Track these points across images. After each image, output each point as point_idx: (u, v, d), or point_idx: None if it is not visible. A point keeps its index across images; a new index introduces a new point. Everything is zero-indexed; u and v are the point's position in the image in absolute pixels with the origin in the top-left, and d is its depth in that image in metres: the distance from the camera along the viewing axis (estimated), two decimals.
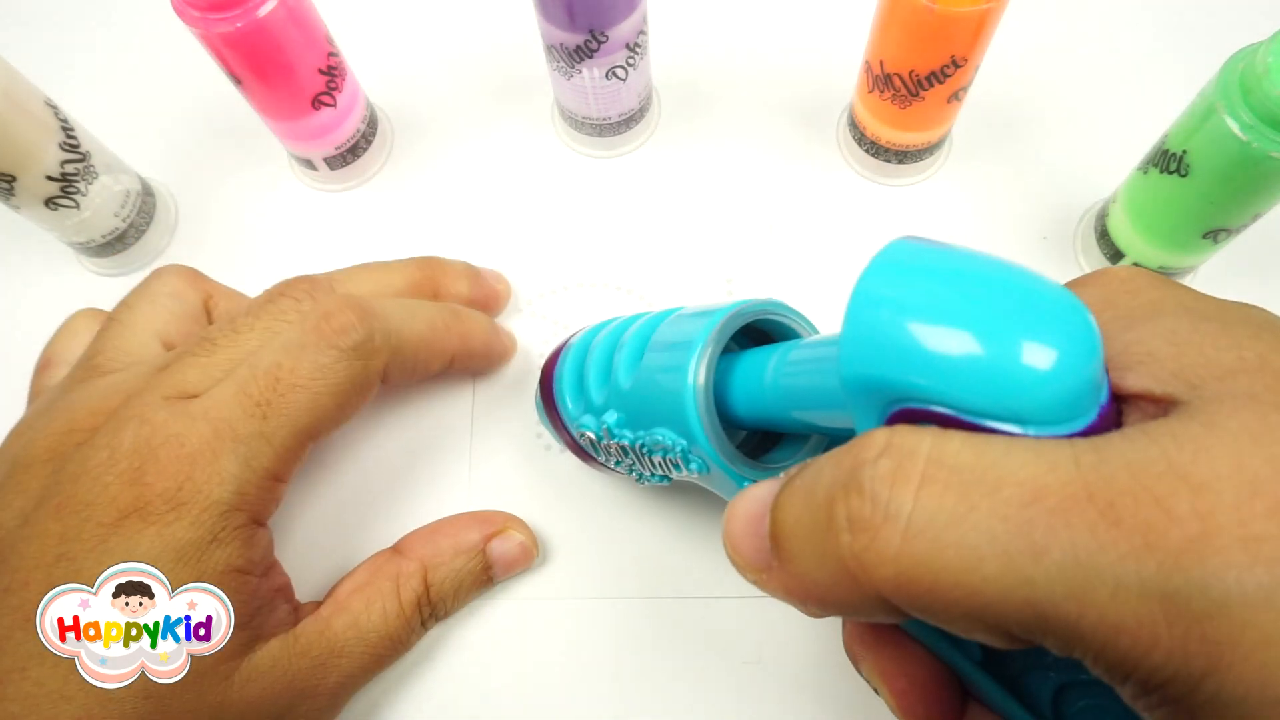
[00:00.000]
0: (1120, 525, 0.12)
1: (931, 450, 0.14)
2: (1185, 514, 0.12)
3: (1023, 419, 0.14)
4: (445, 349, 0.30)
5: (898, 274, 0.15)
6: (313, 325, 0.26)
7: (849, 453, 0.15)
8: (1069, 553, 0.12)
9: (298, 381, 0.26)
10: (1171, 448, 0.13)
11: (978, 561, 0.13)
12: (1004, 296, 0.15)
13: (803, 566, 0.15)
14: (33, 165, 0.33)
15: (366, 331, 0.27)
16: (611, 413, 0.25)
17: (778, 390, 0.21)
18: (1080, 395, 0.14)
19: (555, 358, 0.29)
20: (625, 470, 0.27)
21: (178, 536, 0.24)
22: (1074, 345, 0.14)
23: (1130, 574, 0.12)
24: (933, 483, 0.13)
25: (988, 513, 0.13)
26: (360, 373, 0.27)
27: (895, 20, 0.31)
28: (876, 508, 0.14)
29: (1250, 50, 0.27)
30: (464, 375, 0.35)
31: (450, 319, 0.31)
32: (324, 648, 0.26)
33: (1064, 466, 0.13)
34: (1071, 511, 0.13)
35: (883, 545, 0.14)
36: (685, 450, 0.23)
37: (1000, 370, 0.14)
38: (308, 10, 0.34)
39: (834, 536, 0.14)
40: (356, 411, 0.28)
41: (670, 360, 0.23)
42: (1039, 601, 0.13)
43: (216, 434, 0.25)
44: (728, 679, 0.30)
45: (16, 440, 0.27)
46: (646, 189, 0.39)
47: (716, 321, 0.22)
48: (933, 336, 0.14)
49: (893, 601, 0.14)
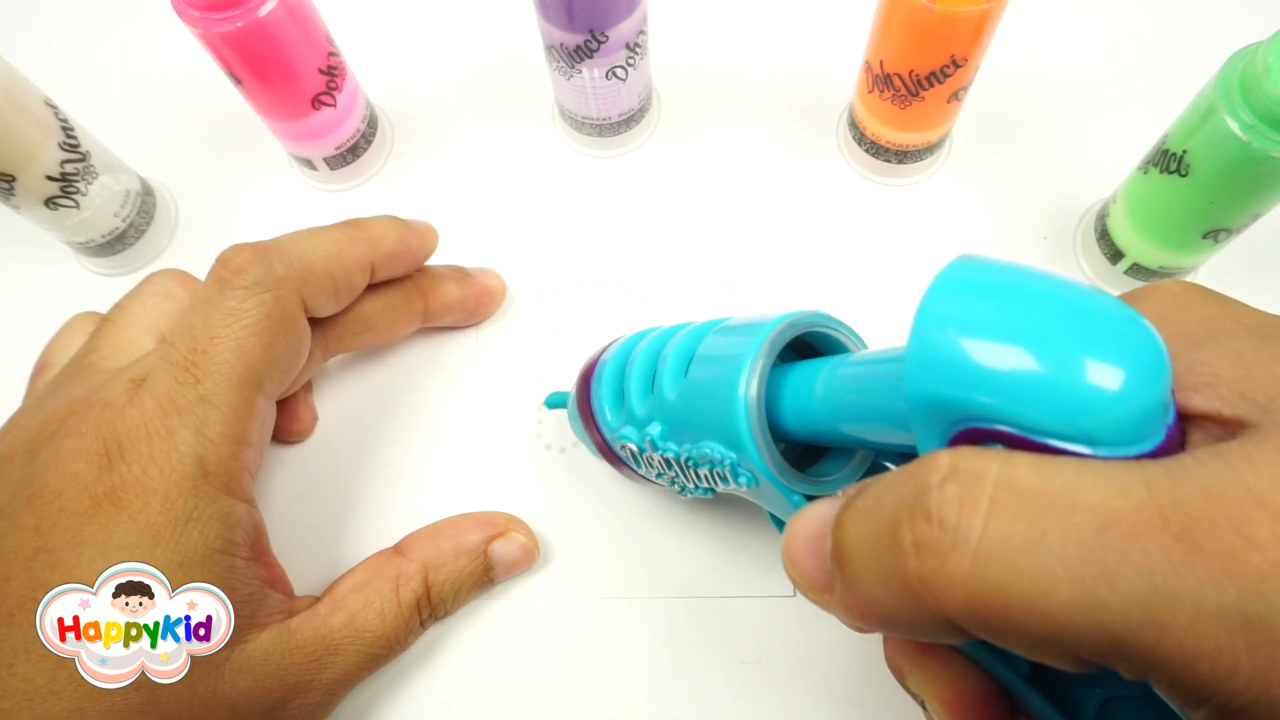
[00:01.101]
0: (1198, 550, 0.12)
1: (1000, 473, 0.14)
2: (1266, 539, 0.12)
3: (1091, 439, 0.14)
4: (357, 259, 0.30)
5: (962, 293, 0.15)
6: (214, 276, 0.27)
7: (912, 475, 0.15)
8: (1145, 578, 0.12)
9: (213, 333, 0.26)
10: (1248, 472, 0.13)
11: (1052, 587, 0.13)
12: (1071, 315, 0.14)
13: (867, 588, 0.15)
14: (33, 165, 0.33)
15: (264, 265, 0.27)
16: (655, 424, 0.25)
17: (829, 404, 0.21)
18: (1149, 416, 0.14)
19: (592, 368, 0.29)
20: (667, 483, 0.26)
21: (151, 521, 0.24)
22: (1144, 366, 0.14)
23: (1210, 600, 0.12)
24: (1002, 507, 0.13)
25: (1060, 538, 0.13)
26: (273, 305, 0.26)
27: (895, 20, 0.31)
28: (945, 531, 0.14)
29: (1250, 50, 0.27)
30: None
31: (352, 230, 0.30)
32: (319, 644, 0.26)
33: (1136, 490, 0.13)
34: (1146, 536, 0.12)
35: (952, 569, 0.13)
36: (735, 464, 0.22)
37: (1069, 390, 0.14)
38: (308, 10, 0.34)
39: (900, 559, 0.14)
40: (294, 351, 0.28)
41: (720, 372, 0.22)
42: (1115, 627, 0.13)
43: (163, 410, 0.25)
44: (728, 679, 0.30)
45: (2, 439, 0.27)
46: (646, 189, 0.39)
47: (768, 333, 0.22)
48: (1000, 356, 0.14)
49: (960, 624, 0.14)
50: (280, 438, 0.34)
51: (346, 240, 0.30)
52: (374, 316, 0.32)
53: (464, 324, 0.36)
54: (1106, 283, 0.36)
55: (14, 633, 0.23)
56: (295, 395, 0.33)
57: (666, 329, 0.27)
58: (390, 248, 0.31)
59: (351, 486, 0.34)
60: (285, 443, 0.34)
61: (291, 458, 0.34)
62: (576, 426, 0.30)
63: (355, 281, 0.30)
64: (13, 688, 0.22)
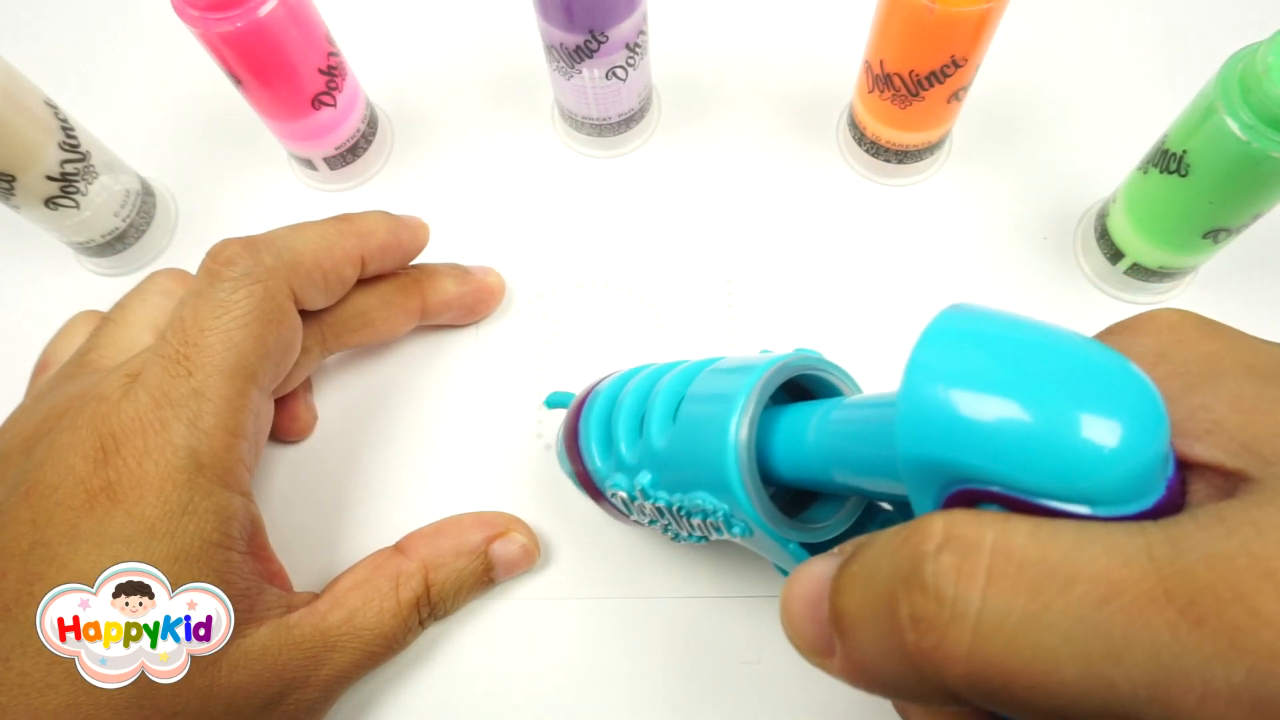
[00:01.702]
0: (1204, 625, 0.12)
1: (996, 542, 0.13)
2: (1274, 613, 0.12)
3: (1090, 499, 0.14)
4: (347, 251, 0.30)
5: (953, 347, 0.15)
6: (204, 270, 0.27)
7: (908, 542, 0.14)
8: (1151, 655, 0.12)
9: (203, 325, 0.26)
10: (1254, 539, 0.12)
11: (1055, 663, 0.12)
12: (1064, 370, 0.14)
13: (867, 657, 0.15)
14: (33, 165, 0.33)
15: (253, 256, 0.27)
16: (645, 473, 0.24)
17: (821, 451, 0.20)
18: (1148, 472, 0.14)
19: (580, 407, 0.28)
20: (660, 529, 0.26)
21: (146, 514, 0.24)
22: (1140, 422, 0.14)
23: (1219, 677, 0.12)
24: (1000, 578, 0.13)
25: (1062, 612, 0.12)
26: (262, 296, 0.27)
27: (895, 20, 0.31)
28: (942, 606, 0.13)
29: (1250, 50, 0.27)
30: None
31: (342, 224, 0.30)
32: (317, 640, 0.26)
33: (1138, 560, 0.13)
34: (1150, 610, 0.12)
35: (952, 645, 0.13)
36: (728, 514, 0.22)
37: (1065, 450, 0.13)
38: (308, 10, 0.34)
39: (899, 633, 0.14)
40: (285, 343, 0.28)
41: (709, 418, 0.22)
42: (1121, 704, 0.12)
43: (157, 404, 0.25)
44: (728, 679, 0.30)
45: (1, 436, 0.27)
46: (646, 189, 0.39)
47: (758, 378, 0.21)
48: (993, 416, 0.14)
49: (964, 696, 0.14)
50: (280, 437, 0.34)
51: (336, 233, 0.30)
52: (371, 312, 0.32)
53: (463, 322, 0.36)
54: (1106, 282, 0.36)
55: (11, 627, 0.23)
56: (295, 394, 0.33)
57: (657, 368, 0.26)
58: (380, 241, 0.31)
59: (351, 485, 0.34)
60: (285, 442, 0.34)
61: (291, 456, 0.34)
62: (561, 458, 0.29)
63: (345, 274, 0.30)
64: (9, 682, 0.22)
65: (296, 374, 0.31)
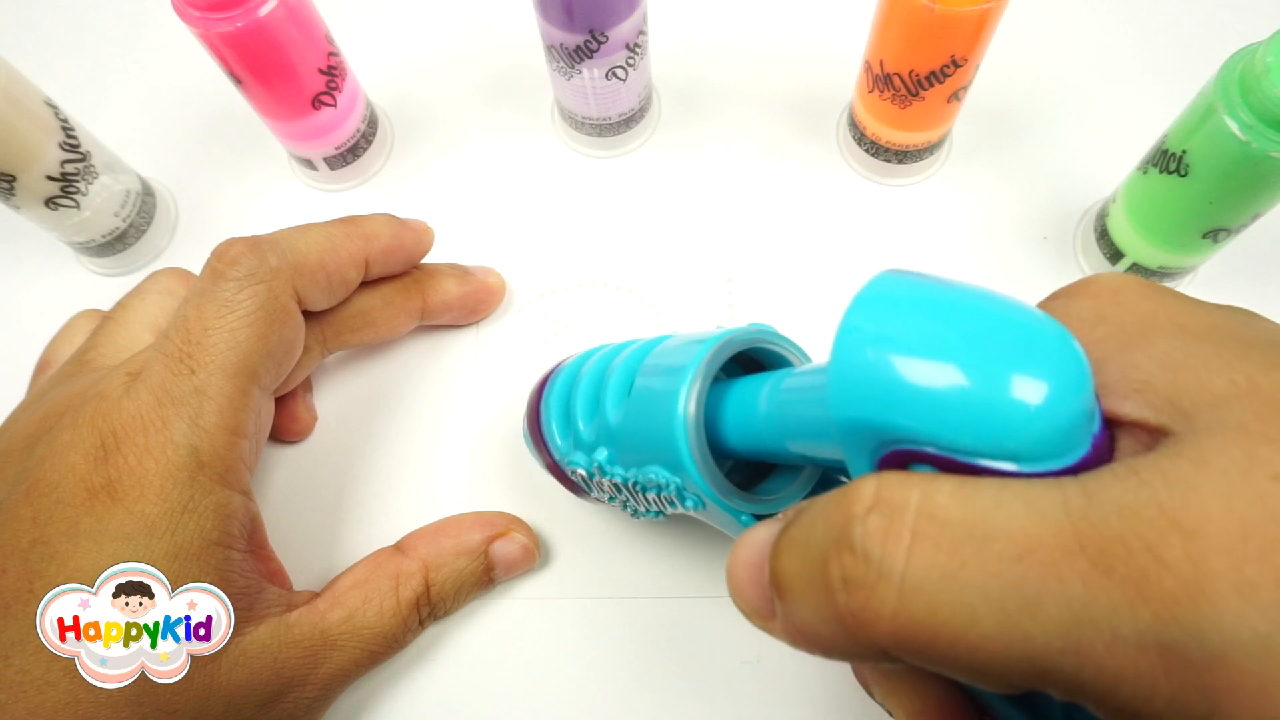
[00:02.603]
0: (1113, 575, 0.12)
1: (920, 504, 0.14)
2: (1178, 561, 0.12)
3: (1016, 456, 0.14)
4: (351, 253, 0.30)
5: (882, 310, 0.15)
6: (208, 269, 0.27)
7: (840, 505, 0.15)
8: (1064, 606, 0.12)
9: (207, 325, 0.26)
10: (1162, 490, 0.13)
11: (974, 619, 0.13)
12: (989, 331, 0.14)
13: (804, 618, 0.15)
14: (33, 165, 0.33)
15: (257, 257, 0.27)
16: (602, 449, 0.24)
17: (770, 421, 0.21)
18: (1072, 429, 0.14)
19: (541, 388, 0.29)
20: (619, 506, 0.26)
21: (146, 512, 0.24)
22: (1064, 380, 0.14)
23: (1126, 625, 0.12)
24: (924, 539, 0.13)
25: (980, 569, 0.13)
26: (266, 297, 0.27)
27: (895, 20, 0.31)
28: (869, 567, 0.14)
29: (1250, 50, 0.27)
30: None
31: (347, 226, 0.30)
32: (317, 639, 0.26)
33: (1053, 515, 0.13)
34: (1063, 564, 0.13)
35: (879, 605, 0.14)
36: (680, 487, 0.22)
37: (991, 409, 0.14)
38: (308, 10, 0.34)
39: (830, 595, 0.14)
40: (288, 343, 0.28)
41: (659, 394, 0.22)
42: (1038, 656, 0.13)
43: (158, 401, 0.25)
44: (728, 679, 0.30)
45: (1, 435, 0.27)
46: (646, 189, 0.40)
47: (705, 352, 0.21)
48: (921, 377, 0.14)
49: (893, 654, 0.14)
50: (279, 437, 0.34)
51: (341, 235, 0.30)
52: (372, 312, 0.32)
53: (463, 322, 0.36)
54: None
55: (10, 625, 0.23)
56: (294, 394, 0.33)
57: (613, 347, 0.27)
58: (384, 244, 0.31)
59: (351, 485, 0.34)
60: (284, 442, 0.34)
61: (291, 456, 0.34)
62: (526, 440, 0.29)
63: (349, 276, 0.30)
64: (8, 679, 0.23)
65: (297, 373, 0.31)
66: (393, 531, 0.31)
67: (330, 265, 0.29)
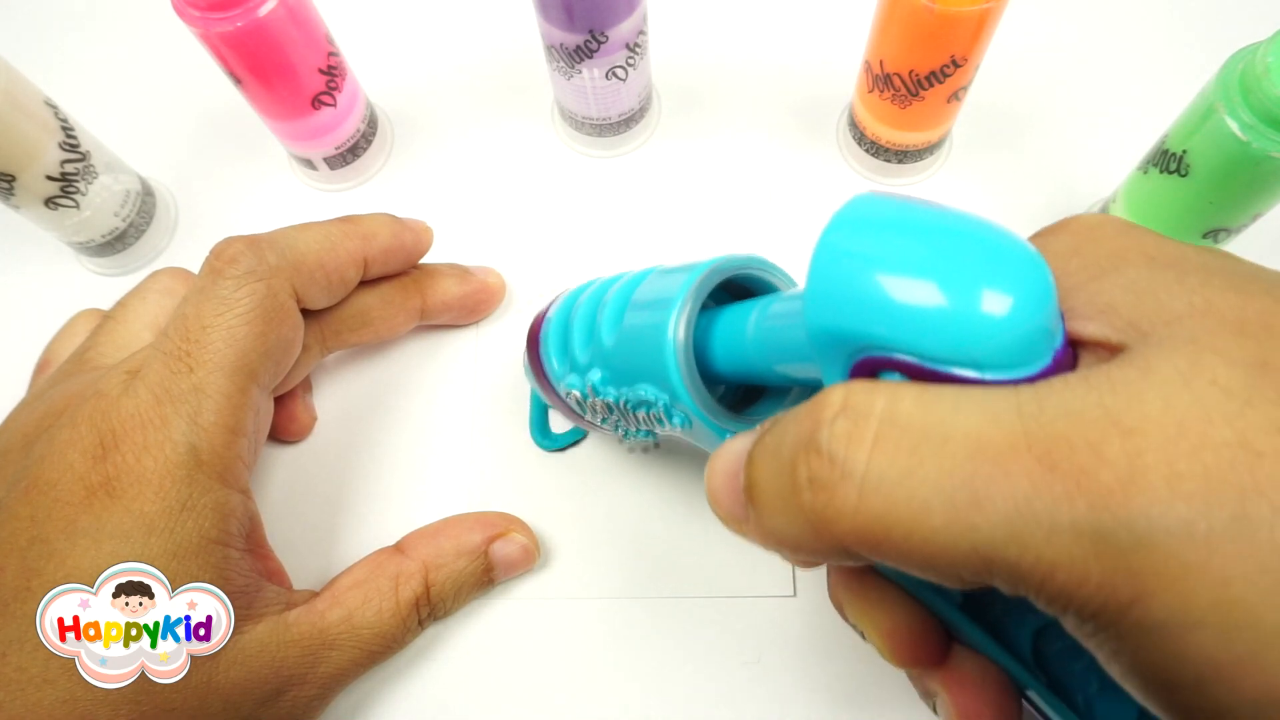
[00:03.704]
0: (1055, 470, 0.13)
1: (884, 409, 0.14)
2: (1115, 456, 0.13)
3: (979, 364, 0.15)
4: (350, 252, 0.30)
5: (858, 227, 0.16)
6: (207, 267, 0.27)
7: (809, 413, 0.16)
8: (1009, 500, 0.13)
9: (205, 323, 0.26)
10: (1107, 394, 0.13)
11: (926, 514, 0.14)
12: (959, 246, 0.15)
13: (774, 520, 0.16)
14: (33, 165, 0.33)
15: (256, 255, 0.27)
16: (596, 370, 0.25)
17: (757, 343, 0.22)
18: (1034, 340, 0.15)
19: (540, 321, 0.29)
20: (611, 428, 0.27)
21: (145, 510, 0.24)
22: (1027, 291, 0.15)
23: (1063, 516, 0.13)
24: (884, 441, 0.14)
25: (935, 468, 0.14)
26: (264, 294, 0.27)
27: (895, 20, 0.31)
28: (834, 467, 0.15)
29: (1250, 50, 0.27)
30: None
31: (346, 225, 0.30)
32: (316, 638, 0.26)
33: (1006, 417, 0.14)
34: (1011, 461, 0.13)
35: (840, 502, 0.14)
36: (668, 405, 0.23)
37: (956, 316, 0.14)
38: (308, 10, 0.34)
39: (797, 494, 0.15)
40: (286, 341, 0.28)
41: (651, 316, 0.23)
42: (982, 547, 0.13)
43: (157, 400, 0.25)
44: (728, 679, 0.30)
45: (1, 434, 0.27)
46: (646, 189, 0.39)
47: (696, 276, 0.22)
48: (891, 285, 0.15)
49: (854, 551, 0.15)
50: (279, 437, 0.34)
51: (340, 234, 0.30)
52: (371, 311, 0.32)
53: (463, 322, 0.36)
54: None
55: (9, 622, 0.23)
56: (294, 394, 0.33)
57: (607, 279, 0.27)
58: (384, 243, 0.31)
59: (351, 485, 0.34)
60: (284, 442, 0.34)
61: (291, 456, 0.34)
62: (530, 378, 0.30)
63: (348, 275, 0.30)
64: (6, 677, 0.23)
65: (296, 372, 0.31)
66: (392, 531, 0.31)
67: (329, 264, 0.29)
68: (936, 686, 0.21)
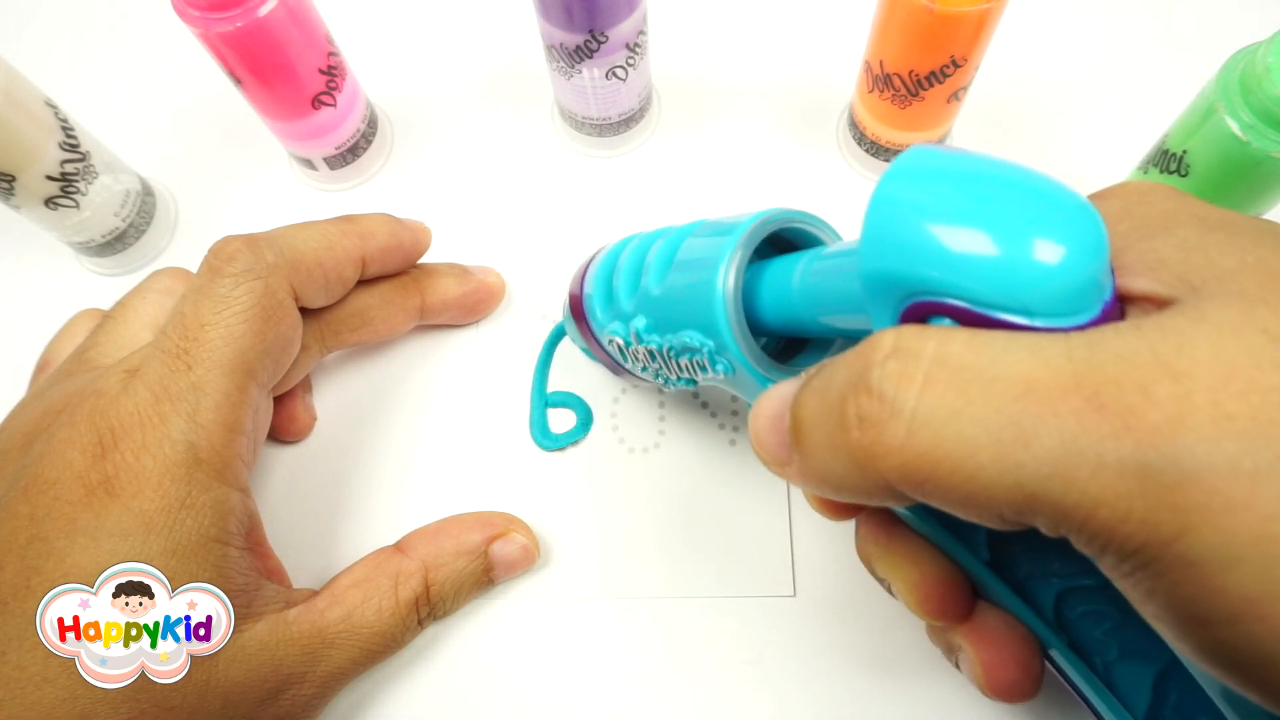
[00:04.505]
0: (1103, 410, 0.13)
1: (935, 351, 0.15)
2: (1164, 397, 0.13)
3: (1029, 310, 0.15)
4: (348, 251, 0.30)
5: (914, 176, 0.16)
6: (205, 266, 0.27)
7: (860, 354, 0.16)
8: (1055, 438, 0.13)
9: (204, 321, 0.26)
10: (1158, 339, 0.14)
11: (973, 450, 0.14)
12: (1014, 195, 0.15)
13: (819, 459, 0.17)
14: (33, 165, 0.33)
15: (254, 253, 0.27)
16: (640, 318, 0.26)
17: (804, 294, 0.22)
18: (1084, 289, 0.15)
19: (582, 275, 0.30)
20: (651, 375, 0.27)
21: (144, 508, 0.24)
22: (1080, 241, 0.15)
23: (1110, 453, 0.13)
24: (935, 381, 0.14)
25: (983, 406, 0.14)
26: (262, 293, 0.27)
27: (895, 20, 0.31)
28: (884, 405, 0.15)
29: (1250, 50, 0.27)
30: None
31: (344, 224, 0.31)
32: (315, 637, 0.26)
33: (1057, 360, 0.14)
34: (1060, 401, 0.14)
35: (889, 439, 0.15)
36: (712, 351, 0.23)
37: (1008, 262, 0.15)
38: (308, 10, 0.34)
39: (845, 432, 0.16)
40: (285, 339, 0.28)
41: (701, 264, 0.23)
42: (1027, 484, 0.14)
43: (156, 398, 0.25)
44: (728, 679, 0.30)
45: (1, 433, 0.27)
46: (646, 189, 0.39)
47: (747, 227, 0.23)
48: (945, 231, 0.15)
49: (899, 489, 0.15)
50: (279, 437, 0.34)
51: (338, 233, 0.30)
52: (370, 311, 0.32)
53: (463, 322, 0.36)
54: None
55: (8, 621, 0.23)
56: (293, 394, 0.33)
57: (651, 233, 0.28)
58: (382, 242, 0.31)
59: (350, 485, 0.34)
60: (284, 442, 0.34)
61: (291, 456, 0.34)
62: (573, 334, 0.31)
63: (346, 274, 0.30)
64: (5, 675, 0.23)
65: (295, 372, 0.31)
66: (392, 531, 0.31)
67: (327, 262, 0.29)
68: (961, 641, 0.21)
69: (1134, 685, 0.20)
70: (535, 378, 0.35)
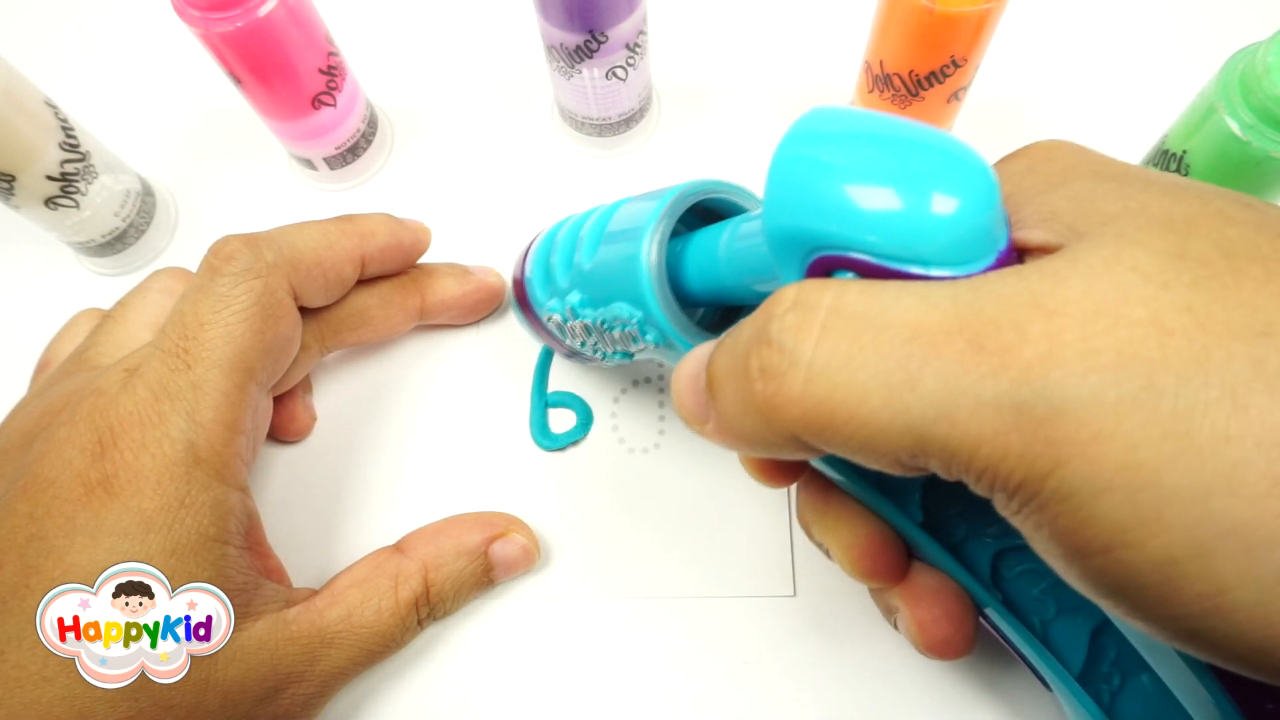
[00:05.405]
0: (983, 350, 0.14)
1: (832, 301, 0.15)
2: (1038, 335, 0.13)
3: (925, 260, 0.15)
4: (348, 250, 0.30)
5: (812, 135, 0.17)
6: (205, 265, 0.27)
7: (764, 309, 0.16)
8: (939, 380, 0.14)
9: (203, 320, 0.26)
10: (1035, 281, 0.14)
11: (865, 396, 0.14)
12: (908, 151, 0.16)
13: (730, 414, 0.17)
14: (33, 165, 0.33)
15: (253, 252, 0.27)
16: (575, 293, 0.26)
17: (728, 261, 0.22)
18: (977, 239, 0.15)
19: (523, 259, 0.30)
20: (590, 350, 0.28)
21: (143, 507, 0.24)
22: (972, 192, 0.15)
23: (987, 391, 0.13)
24: (830, 330, 0.15)
25: (874, 352, 0.14)
26: (262, 291, 0.27)
27: (895, 20, 0.31)
28: (783, 356, 0.15)
29: (1250, 50, 0.27)
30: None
31: (344, 223, 0.31)
32: (314, 636, 0.26)
33: (942, 304, 0.14)
34: (944, 344, 0.14)
35: (788, 389, 0.15)
36: (642, 321, 0.24)
37: (903, 215, 0.15)
38: (308, 10, 0.34)
39: (750, 384, 0.16)
40: (284, 339, 0.28)
41: (626, 236, 0.24)
42: (915, 426, 0.14)
43: (155, 397, 0.25)
44: (728, 679, 0.30)
45: (0, 433, 0.27)
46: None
47: (669, 198, 0.23)
48: (843, 187, 0.16)
49: (803, 438, 0.15)
50: (278, 437, 0.34)
51: (337, 232, 0.30)
52: (370, 311, 0.32)
53: (463, 322, 0.36)
54: None
55: (8, 619, 0.23)
56: (293, 394, 0.33)
57: (585, 211, 0.28)
58: (381, 242, 0.31)
59: (351, 485, 0.34)
60: (284, 442, 0.34)
61: (291, 456, 0.34)
62: (520, 317, 0.32)
63: (345, 273, 0.30)
64: (4, 674, 0.23)
65: (295, 371, 0.31)
66: (392, 531, 0.31)
67: (327, 261, 0.29)
68: (897, 602, 0.22)
69: (1071, 641, 0.21)
70: (535, 378, 0.35)
